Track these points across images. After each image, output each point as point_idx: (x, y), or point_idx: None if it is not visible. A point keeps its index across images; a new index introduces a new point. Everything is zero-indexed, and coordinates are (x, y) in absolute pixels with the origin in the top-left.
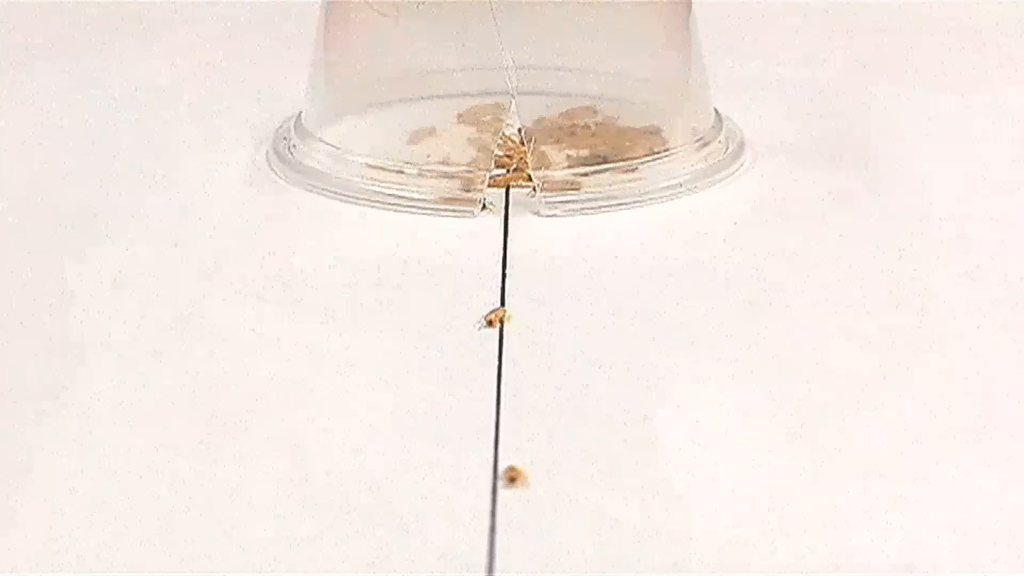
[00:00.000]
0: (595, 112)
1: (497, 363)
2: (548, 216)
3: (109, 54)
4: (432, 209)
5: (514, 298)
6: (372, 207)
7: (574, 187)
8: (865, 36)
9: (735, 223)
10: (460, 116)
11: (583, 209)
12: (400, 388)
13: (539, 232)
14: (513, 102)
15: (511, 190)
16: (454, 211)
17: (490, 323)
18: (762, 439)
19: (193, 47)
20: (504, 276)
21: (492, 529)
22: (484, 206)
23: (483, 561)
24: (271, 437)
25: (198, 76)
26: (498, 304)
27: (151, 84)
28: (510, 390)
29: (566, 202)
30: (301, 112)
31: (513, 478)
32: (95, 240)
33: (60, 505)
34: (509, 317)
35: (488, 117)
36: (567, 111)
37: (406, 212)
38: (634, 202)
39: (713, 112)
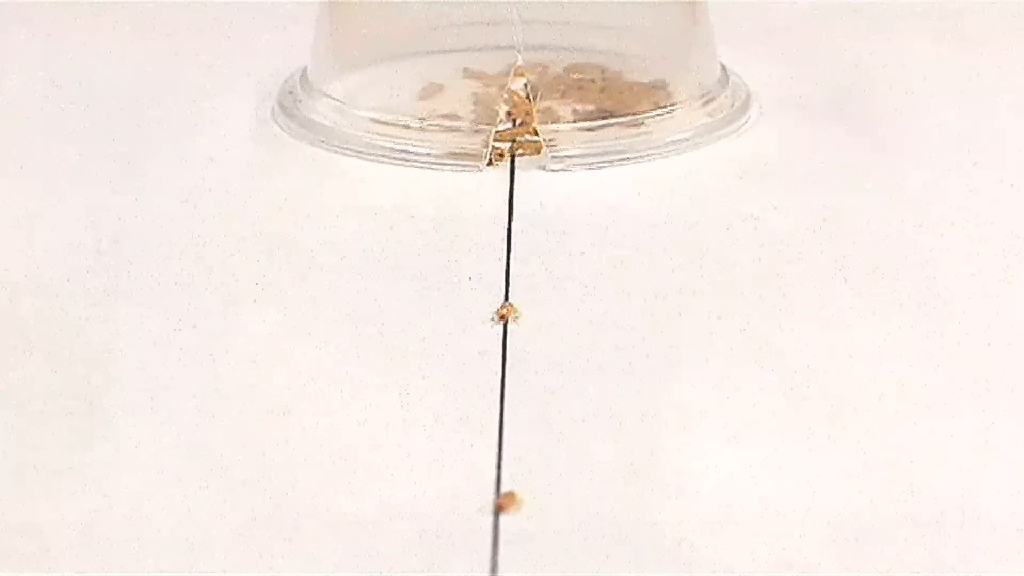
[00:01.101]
0: (601, 67)
1: (503, 323)
2: (554, 170)
3: (115, 8)
4: (438, 164)
5: (519, 253)
6: (377, 162)
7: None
8: None
9: (741, 178)
10: (466, 71)
11: (589, 164)
12: (404, 346)
13: (545, 186)
14: (519, 56)
15: (517, 144)
16: (460, 166)
17: (502, 317)
18: (776, 420)
19: (199, 2)
20: (510, 230)
21: (495, 526)
22: (490, 161)
23: (486, 561)
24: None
25: (203, 30)
26: (503, 257)
27: (156, 38)
28: (515, 356)
29: (572, 156)
30: (306, 67)
31: (503, 505)
32: (100, 195)
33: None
34: (516, 315)
35: (494, 72)
36: (573, 66)
37: (412, 167)
38: (640, 157)
39: (719, 67)
